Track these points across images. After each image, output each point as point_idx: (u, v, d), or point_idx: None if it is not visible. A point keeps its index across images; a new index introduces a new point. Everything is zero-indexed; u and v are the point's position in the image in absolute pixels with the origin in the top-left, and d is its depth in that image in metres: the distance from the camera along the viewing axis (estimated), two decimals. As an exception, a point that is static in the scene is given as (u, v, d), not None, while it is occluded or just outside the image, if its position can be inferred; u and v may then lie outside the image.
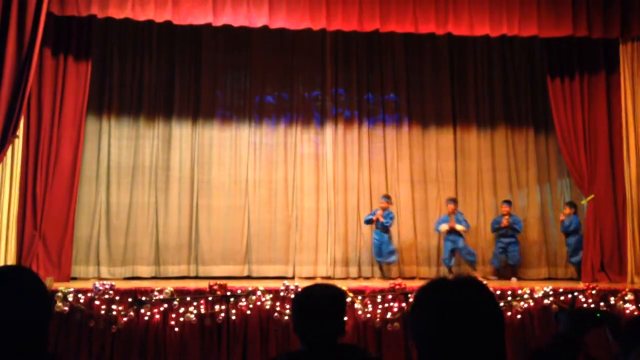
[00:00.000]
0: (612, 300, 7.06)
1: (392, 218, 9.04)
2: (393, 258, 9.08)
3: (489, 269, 9.49)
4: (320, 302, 2.32)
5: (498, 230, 9.18)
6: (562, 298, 7.02)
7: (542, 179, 9.97)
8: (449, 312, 1.31)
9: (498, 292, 7.03)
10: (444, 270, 9.48)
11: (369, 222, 9.10)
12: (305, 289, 2.43)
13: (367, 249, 9.54)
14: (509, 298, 7.00)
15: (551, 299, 7.00)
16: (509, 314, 6.93)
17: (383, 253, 9.01)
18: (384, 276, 9.03)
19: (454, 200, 9.24)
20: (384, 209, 9.01)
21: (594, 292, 7.10)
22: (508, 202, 9.25)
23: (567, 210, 9.11)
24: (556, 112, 8.91)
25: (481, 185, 9.91)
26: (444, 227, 9.04)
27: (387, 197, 9.17)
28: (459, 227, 9.00)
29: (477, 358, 1.28)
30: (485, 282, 6.73)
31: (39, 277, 1.67)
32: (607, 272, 8.52)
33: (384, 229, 8.99)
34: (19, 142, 7.71)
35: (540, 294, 7.02)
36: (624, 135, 8.58)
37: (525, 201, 9.89)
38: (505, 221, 9.07)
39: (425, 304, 1.37)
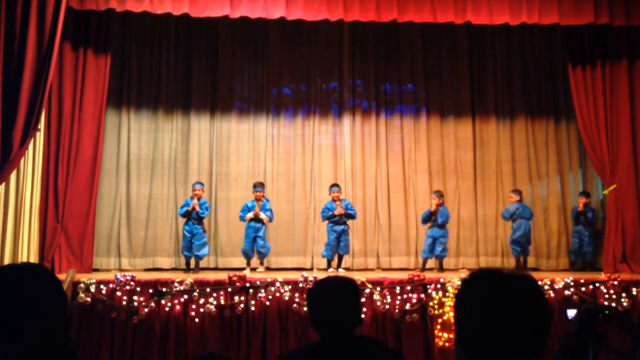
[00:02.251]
0: (634, 291, 6.97)
1: (207, 208, 8.47)
2: (204, 251, 8.35)
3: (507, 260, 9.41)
4: (334, 294, 2.33)
5: (331, 218, 8.59)
6: (582, 289, 6.96)
7: (563, 169, 9.86)
8: (495, 304, 1.31)
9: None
10: (464, 262, 9.46)
11: (184, 214, 8.33)
12: (318, 282, 2.45)
13: (384, 240, 9.53)
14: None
15: (572, 290, 6.94)
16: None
17: (194, 247, 8.25)
18: (196, 268, 8.32)
19: (262, 186, 8.65)
20: (199, 198, 8.37)
21: (615, 283, 7.02)
22: (336, 186, 8.75)
23: (436, 200, 8.71)
24: (577, 101, 8.79)
25: (500, 175, 9.83)
26: (249, 215, 8.46)
27: (201, 184, 8.58)
28: (262, 215, 8.45)
29: (519, 350, 1.29)
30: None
31: (55, 276, 1.67)
32: (629, 263, 8.41)
33: (199, 220, 8.35)
34: (40, 136, 7.81)
35: (560, 284, 6.96)
36: (647, 124, 8.44)
37: (545, 191, 9.79)
38: (339, 208, 8.52)
39: (472, 293, 1.37)
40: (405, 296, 6.83)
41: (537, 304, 1.34)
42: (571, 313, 2.64)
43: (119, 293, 6.65)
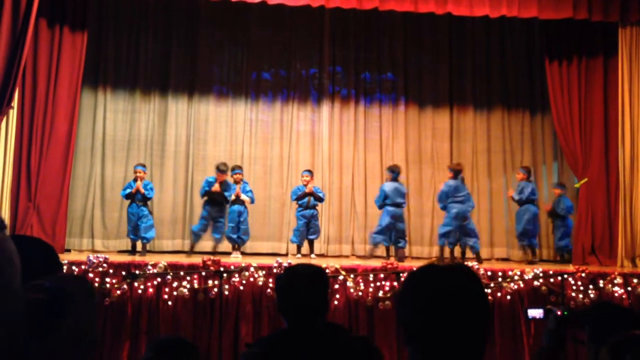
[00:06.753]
0: (601, 283, 7.13)
1: (152, 189, 8.26)
2: (152, 234, 8.22)
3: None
4: (302, 282, 2.35)
5: (301, 197, 8.51)
6: (551, 280, 7.09)
7: (537, 161, 9.99)
8: (434, 300, 1.33)
9: (489, 273, 7.10)
10: (437, 251, 9.56)
11: (128, 196, 8.11)
12: (287, 270, 2.48)
13: (360, 228, 9.58)
14: (500, 279, 7.07)
15: (541, 280, 7.07)
16: (499, 294, 7.01)
17: (140, 229, 8.04)
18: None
19: (240, 169, 8.56)
20: (142, 179, 8.13)
21: (583, 275, 7.16)
22: (308, 172, 8.69)
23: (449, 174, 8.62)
24: (553, 95, 8.91)
25: (476, 166, 9.93)
26: (233, 196, 8.37)
27: (143, 166, 8.38)
28: (244, 197, 8.36)
29: (460, 344, 1.31)
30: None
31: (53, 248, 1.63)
32: (597, 256, 8.60)
33: (145, 201, 8.13)
34: (13, 114, 7.68)
35: (530, 275, 7.09)
36: (619, 120, 8.58)
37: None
38: (308, 189, 8.46)
39: (412, 290, 1.39)
40: (378, 284, 6.90)
41: (474, 295, 1.36)
42: (532, 313, 2.68)
43: (91, 275, 6.59)
